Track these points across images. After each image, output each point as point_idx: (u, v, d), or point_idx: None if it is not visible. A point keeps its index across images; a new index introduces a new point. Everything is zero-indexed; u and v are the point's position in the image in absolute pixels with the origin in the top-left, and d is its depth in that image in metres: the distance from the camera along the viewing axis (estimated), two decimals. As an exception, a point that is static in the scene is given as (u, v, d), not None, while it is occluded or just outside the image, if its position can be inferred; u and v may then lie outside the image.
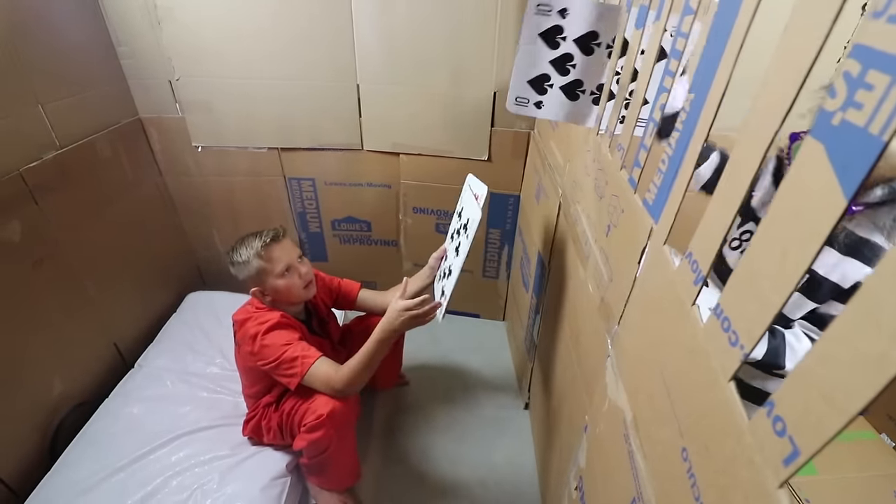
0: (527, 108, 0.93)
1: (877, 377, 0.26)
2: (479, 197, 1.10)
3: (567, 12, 0.81)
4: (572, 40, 0.83)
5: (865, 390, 0.27)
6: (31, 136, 1.21)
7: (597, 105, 0.89)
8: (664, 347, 0.54)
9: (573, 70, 0.86)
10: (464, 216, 1.17)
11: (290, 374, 1.07)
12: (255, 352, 1.09)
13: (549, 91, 0.90)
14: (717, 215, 0.44)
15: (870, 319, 0.27)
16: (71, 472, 1.17)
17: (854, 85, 0.30)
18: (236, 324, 1.16)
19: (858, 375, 0.27)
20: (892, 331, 0.25)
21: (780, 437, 0.33)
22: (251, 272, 1.13)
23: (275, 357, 1.07)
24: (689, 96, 0.51)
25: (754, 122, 0.39)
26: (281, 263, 1.12)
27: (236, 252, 1.14)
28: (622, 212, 0.72)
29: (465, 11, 1.37)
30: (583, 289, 0.93)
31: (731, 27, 0.44)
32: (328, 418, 1.07)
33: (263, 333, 1.08)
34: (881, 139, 0.27)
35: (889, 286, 0.26)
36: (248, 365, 1.17)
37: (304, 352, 1.08)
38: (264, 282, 1.13)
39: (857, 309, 0.28)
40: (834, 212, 0.30)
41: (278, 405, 1.19)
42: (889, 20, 0.28)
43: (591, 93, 0.88)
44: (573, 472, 0.95)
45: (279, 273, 1.12)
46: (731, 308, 0.41)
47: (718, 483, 0.41)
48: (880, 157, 0.28)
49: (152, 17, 1.42)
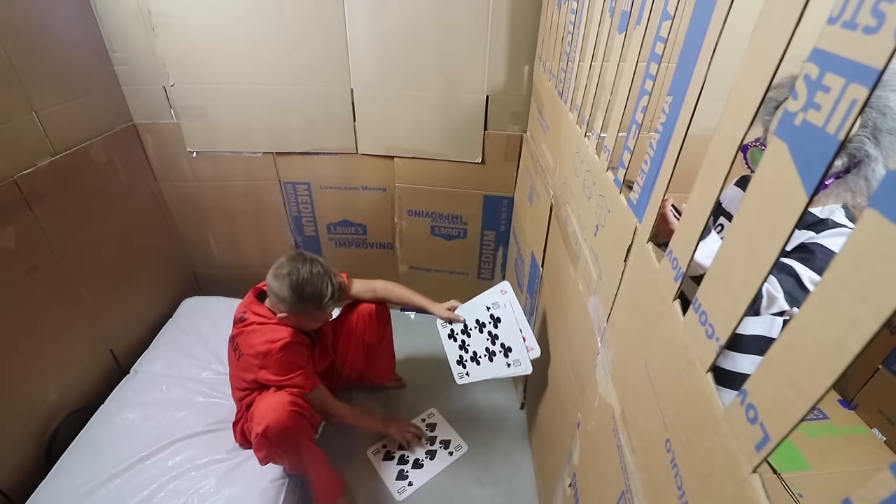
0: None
1: (835, 363, 0.28)
2: (505, 292, 1.27)
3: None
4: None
5: (826, 376, 0.28)
6: (26, 142, 1.22)
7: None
8: (648, 342, 0.56)
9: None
10: (486, 315, 1.29)
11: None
12: (262, 365, 1.11)
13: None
14: (693, 214, 0.46)
15: (828, 309, 0.28)
16: (67, 478, 1.17)
17: (813, 87, 0.31)
18: (239, 332, 1.16)
19: (820, 362, 0.29)
20: (847, 319, 0.27)
21: (753, 423, 0.34)
22: (292, 307, 1.11)
23: (282, 378, 1.12)
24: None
25: (726, 123, 0.41)
26: (325, 318, 1.19)
27: (299, 288, 1.09)
28: (609, 212, 0.74)
29: (457, 16, 1.39)
30: (574, 288, 0.94)
31: (705, 32, 0.46)
32: (263, 436, 1.05)
33: (278, 351, 1.10)
34: (837, 138, 0.29)
35: (843, 279, 0.28)
36: (246, 367, 1.17)
37: (306, 381, 1.15)
38: (296, 317, 1.13)
39: (817, 299, 0.29)
40: (797, 207, 0.31)
41: (250, 407, 1.19)
42: (843, 25, 0.29)
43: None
44: (567, 469, 0.96)
45: (314, 321, 1.18)
46: (708, 302, 0.42)
47: (698, 472, 0.42)
48: (837, 155, 0.29)
49: (147, 23, 1.43)
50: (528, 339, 1.21)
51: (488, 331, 1.26)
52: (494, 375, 1.23)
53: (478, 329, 1.29)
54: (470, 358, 1.29)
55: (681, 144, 0.50)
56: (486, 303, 1.29)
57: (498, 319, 1.25)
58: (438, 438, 1.50)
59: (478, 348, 1.28)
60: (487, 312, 1.27)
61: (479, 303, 1.30)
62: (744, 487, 0.35)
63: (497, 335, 1.24)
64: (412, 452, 1.45)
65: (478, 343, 1.28)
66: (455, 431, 1.52)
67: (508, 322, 1.23)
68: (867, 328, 0.26)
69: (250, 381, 1.18)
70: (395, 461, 1.43)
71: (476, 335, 1.29)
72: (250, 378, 1.16)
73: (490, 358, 1.24)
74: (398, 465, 1.42)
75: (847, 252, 0.27)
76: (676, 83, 0.51)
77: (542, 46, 1.35)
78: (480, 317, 1.29)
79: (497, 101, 1.52)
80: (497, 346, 1.24)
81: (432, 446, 1.47)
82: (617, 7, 0.73)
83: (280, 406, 1.07)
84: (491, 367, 1.24)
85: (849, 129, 0.28)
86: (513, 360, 1.20)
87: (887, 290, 0.25)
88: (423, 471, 1.41)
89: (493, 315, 1.26)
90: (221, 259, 1.94)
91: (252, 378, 1.16)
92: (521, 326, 1.22)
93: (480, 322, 1.29)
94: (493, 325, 1.26)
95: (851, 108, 0.28)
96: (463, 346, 1.31)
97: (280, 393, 1.11)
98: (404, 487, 1.36)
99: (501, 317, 1.24)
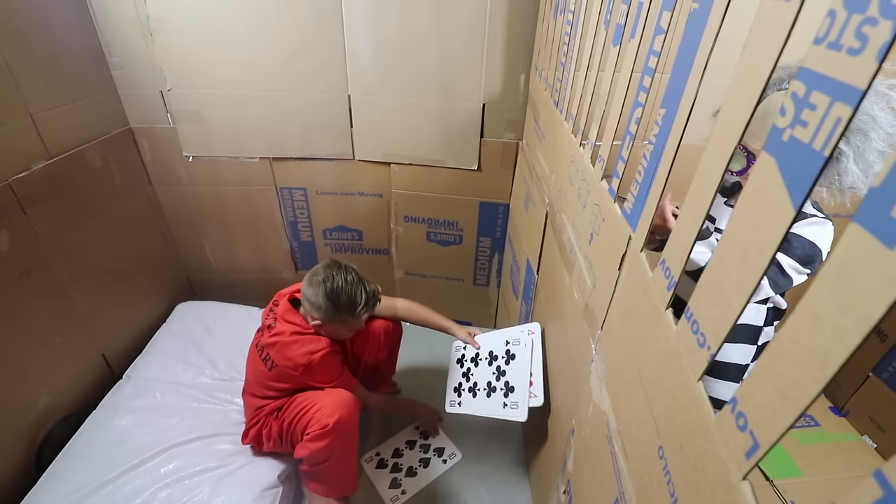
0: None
1: (821, 373, 0.28)
2: (532, 332, 1.23)
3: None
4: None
5: (813, 385, 0.29)
6: (21, 145, 1.22)
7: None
8: (641, 350, 0.56)
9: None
10: (502, 349, 1.26)
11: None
12: (306, 374, 1.14)
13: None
14: (686, 223, 0.47)
15: (814, 320, 0.29)
16: (57, 485, 1.15)
17: (800, 104, 0.32)
18: (272, 343, 1.15)
19: (806, 371, 0.30)
20: (833, 330, 0.28)
21: (742, 431, 0.35)
22: (327, 315, 1.11)
23: (329, 383, 1.17)
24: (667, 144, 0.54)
25: (717, 135, 0.42)
26: (360, 326, 1.20)
27: (334, 295, 1.09)
28: (603, 220, 0.75)
29: (454, 24, 1.41)
30: (568, 295, 0.95)
31: (697, 46, 0.47)
32: (333, 428, 1.09)
33: (319, 362, 1.13)
34: (823, 154, 0.30)
35: (829, 291, 0.28)
36: (281, 376, 1.18)
37: (349, 383, 1.21)
38: (331, 325, 1.14)
39: (804, 310, 0.30)
40: (784, 220, 0.32)
41: (280, 413, 1.19)
42: (829, 46, 0.31)
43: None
44: (561, 475, 0.96)
45: (349, 329, 1.19)
46: (700, 311, 0.43)
47: (690, 479, 0.43)
48: (822, 171, 0.30)
49: (144, 28, 1.44)
50: (534, 385, 1.13)
51: (497, 365, 1.22)
52: (486, 414, 1.18)
53: (487, 361, 1.26)
54: (469, 388, 1.25)
55: (674, 155, 0.51)
56: (507, 337, 1.24)
57: (512, 356, 1.20)
58: (432, 446, 1.49)
59: (480, 380, 1.24)
60: (505, 346, 1.23)
61: (501, 336, 1.27)
62: (734, 494, 0.35)
63: (505, 371, 1.19)
64: (433, 435, 1.51)
65: (482, 375, 1.24)
66: (449, 439, 1.52)
67: (522, 362, 1.17)
68: (851, 339, 0.26)
69: (281, 390, 1.19)
70: (388, 469, 1.43)
71: (483, 367, 1.26)
72: (285, 387, 1.18)
73: (489, 393, 1.20)
74: (392, 474, 1.41)
75: (832, 265, 0.28)
76: (669, 96, 0.52)
77: (539, 56, 1.37)
78: (496, 349, 1.25)
79: (493, 109, 1.54)
80: (500, 382, 1.18)
81: (426, 454, 1.47)
82: (612, 20, 0.74)
83: (349, 401, 1.14)
84: (486, 403, 1.19)
85: (834, 145, 0.29)
86: (510, 402, 1.14)
87: (871, 302, 0.26)
88: (416, 479, 1.40)
89: (510, 351, 1.21)
90: (216, 264, 1.93)
91: (288, 387, 1.18)
92: (532, 370, 1.15)
93: (493, 354, 1.25)
94: (504, 360, 1.21)
95: (836, 126, 0.29)
96: (466, 374, 1.29)
97: (341, 390, 1.16)
98: (398, 496, 1.35)
99: (517, 354, 1.19)
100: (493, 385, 1.20)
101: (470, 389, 1.25)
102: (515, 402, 1.12)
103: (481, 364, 1.27)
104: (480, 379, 1.24)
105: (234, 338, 1.59)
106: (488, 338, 1.31)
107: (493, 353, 1.25)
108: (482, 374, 1.24)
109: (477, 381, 1.25)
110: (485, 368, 1.25)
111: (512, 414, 1.12)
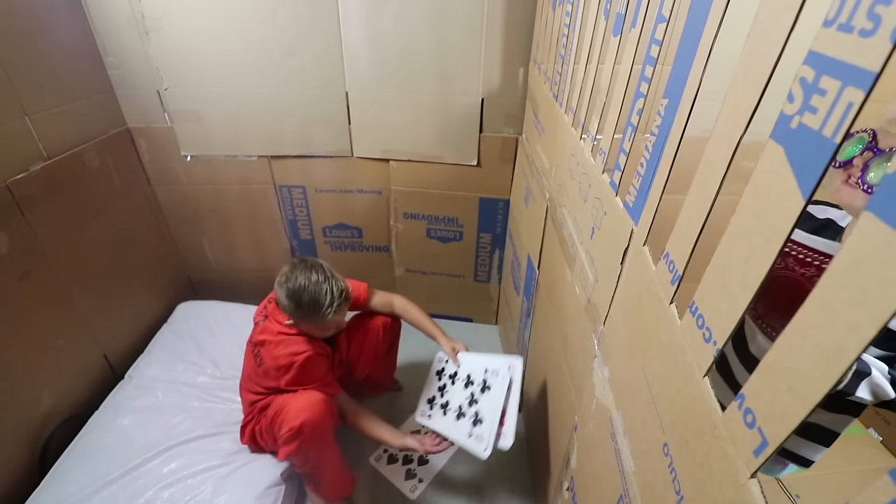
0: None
1: (833, 367, 0.27)
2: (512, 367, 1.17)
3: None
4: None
5: (824, 380, 0.28)
6: (18, 147, 1.21)
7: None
8: (645, 346, 0.56)
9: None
10: (478, 378, 1.21)
11: None
12: (284, 376, 1.12)
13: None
14: (690, 216, 0.46)
15: (826, 313, 0.28)
16: (61, 486, 1.15)
17: (809, 90, 0.31)
18: (260, 341, 1.15)
19: (817, 366, 0.29)
20: (845, 323, 0.27)
21: (751, 428, 0.34)
22: (297, 317, 1.09)
23: (302, 388, 1.13)
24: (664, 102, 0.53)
25: (722, 125, 0.41)
26: (332, 328, 1.15)
27: (297, 296, 1.06)
28: (605, 214, 0.74)
29: (452, 19, 1.39)
30: (570, 290, 0.94)
31: (701, 34, 0.46)
32: (300, 430, 1.06)
33: (300, 365, 1.10)
34: (833, 141, 0.29)
35: (841, 282, 0.27)
36: (267, 374, 1.17)
37: (326, 390, 1.15)
38: (298, 323, 1.12)
39: (815, 303, 0.29)
40: (793, 210, 0.31)
41: (266, 412, 1.19)
42: (839, 28, 0.29)
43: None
44: (565, 473, 0.96)
45: (323, 331, 1.15)
46: (705, 305, 0.42)
47: (696, 477, 0.42)
48: (833, 158, 0.29)
49: (140, 27, 1.43)
50: (506, 425, 1.08)
51: (472, 391, 1.18)
52: (451, 436, 1.13)
53: (464, 383, 1.23)
54: (441, 405, 1.23)
55: (677, 146, 0.50)
56: (488, 365, 1.20)
57: (488, 387, 1.15)
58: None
59: (453, 400, 1.21)
60: (483, 374, 1.19)
61: (483, 361, 1.23)
62: (742, 493, 0.35)
63: (477, 400, 1.15)
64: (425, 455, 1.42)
65: (456, 396, 1.21)
66: None
67: (496, 396, 1.11)
68: (866, 332, 0.25)
69: (269, 388, 1.18)
70: (399, 462, 1.44)
71: (459, 388, 1.22)
72: (271, 385, 1.17)
73: (458, 416, 1.16)
74: (404, 466, 1.43)
75: (844, 256, 0.27)
76: (672, 85, 0.51)
77: (537, 48, 1.35)
78: (474, 374, 1.22)
79: (492, 104, 1.52)
80: (471, 410, 1.14)
81: None
82: (612, 10, 0.73)
83: (317, 402, 1.09)
84: (453, 426, 1.14)
85: (845, 131, 0.28)
86: (476, 433, 1.08)
87: (885, 294, 0.25)
88: (429, 466, 1.41)
89: (487, 381, 1.17)
90: (216, 263, 1.93)
91: (273, 385, 1.16)
92: (507, 407, 1.10)
93: (471, 379, 1.22)
94: (480, 388, 1.17)
95: (848, 111, 0.28)
96: (442, 389, 1.27)
97: (313, 391, 1.12)
98: (416, 485, 1.37)
99: (493, 386, 1.14)
100: (463, 410, 1.16)
101: (442, 406, 1.23)
102: (480, 436, 1.07)
103: (458, 384, 1.24)
104: (453, 399, 1.21)
105: (235, 337, 1.59)
106: (470, 359, 1.27)
107: (471, 378, 1.21)
108: (456, 394, 1.21)
109: (450, 401, 1.22)
110: (460, 390, 1.22)
111: (474, 446, 1.06)
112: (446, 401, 1.23)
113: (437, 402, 1.25)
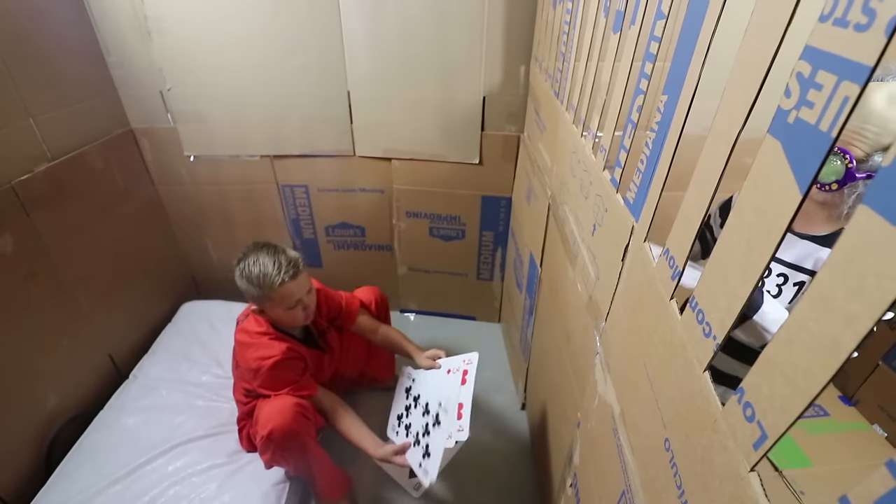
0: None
1: (831, 360, 0.28)
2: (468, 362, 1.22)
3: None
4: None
5: (823, 373, 0.28)
6: (23, 148, 1.22)
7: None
8: (647, 341, 0.56)
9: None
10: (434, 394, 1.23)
11: None
12: (254, 380, 1.11)
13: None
14: (690, 213, 0.46)
15: (823, 306, 0.28)
16: (67, 485, 1.16)
17: (806, 85, 0.31)
18: (237, 341, 1.15)
19: (816, 359, 0.29)
20: (842, 316, 0.27)
21: (750, 422, 0.34)
22: (256, 298, 1.09)
23: (273, 393, 1.11)
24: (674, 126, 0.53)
25: (720, 121, 0.41)
26: (291, 300, 1.10)
27: (247, 272, 1.07)
28: (606, 211, 0.74)
29: (453, 18, 1.39)
30: (572, 287, 0.94)
31: (699, 31, 0.46)
32: (269, 438, 1.06)
33: (268, 369, 1.08)
34: (830, 135, 0.29)
35: (838, 275, 0.28)
36: (243, 377, 1.17)
37: (302, 391, 1.13)
38: (266, 308, 1.11)
39: (812, 295, 0.29)
40: (791, 205, 0.31)
41: (252, 414, 1.19)
42: (834, 23, 0.30)
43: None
44: (568, 469, 0.96)
45: (286, 307, 1.11)
46: (705, 300, 0.42)
47: (697, 471, 0.42)
48: (830, 152, 0.29)
49: (142, 28, 1.43)
50: (463, 418, 1.11)
51: (427, 422, 1.20)
52: (408, 459, 1.16)
53: (422, 412, 1.23)
54: (405, 425, 1.25)
55: (676, 143, 0.50)
56: (442, 385, 1.24)
57: (438, 423, 1.17)
58: None
59: (413, 423, 1.23)
60: (437, 408, 1.21)
61: (438, 381, 1.26)
62: (742, 486, 0.35)
63: (429, 433, 1.17)
64: None
65: (416, 421, 1.22)
66: None
67: (441, 434, 1.13)
68: (862, 324, 0.26)
69: (249, 391, 1.19)
70: None
71: (419, 414, 1.23)
72: (251, 388, 1.17)
73: (415, 443, 1.18)
74: None
75: (840, 248, 0.27)
76: (671, 82, 0.51)
77: (538, 46, 1.35)
78: (431, 403, 1.23)
79: (494, 102, 1.52)
80: (423, 441, 1.17)
81: None
82: (612, 7, 0.73)
83: (285, 409, 1.07)
84: (412, 450, 1.17)
85: (841, 126, 0.28)
86: (424, 466, 1.11)
87: (882, 287, 0.25)
88: (432, 459, 1.37)
89: (438, 416, 1.19)
90: (220, 263, 1.94)
91: (252, 388, 1.16)
92: (463, 401, 1.14)
93: (427, 408, 1.23)
94: (433, 422, 1.19)
95: (844, 106, 0.28)
96: (407, 409, 1.28)
97: (284, 396, 1.10)
98: (419, 483, 1.34)
99: (441, 423, 1.16)
100: (419, 438, 1.18)
101: (406, 427, 1.24)
102: (426, 470, 1.10)
103: (418, 409, 1.25)
104: (414, 423, 1.23)
105: (238, 336, 1.60)
106: (431, 378, 1.29)
107: (428, 408, 1.23)
108: (416, 420, 1.23)
109: (411, 424, 1.24)
110: (419, 417, 1.23)
111: (421, 476, 1.10)
112: (409, 423, 1.25)
113: (403, 421, 1.27)
